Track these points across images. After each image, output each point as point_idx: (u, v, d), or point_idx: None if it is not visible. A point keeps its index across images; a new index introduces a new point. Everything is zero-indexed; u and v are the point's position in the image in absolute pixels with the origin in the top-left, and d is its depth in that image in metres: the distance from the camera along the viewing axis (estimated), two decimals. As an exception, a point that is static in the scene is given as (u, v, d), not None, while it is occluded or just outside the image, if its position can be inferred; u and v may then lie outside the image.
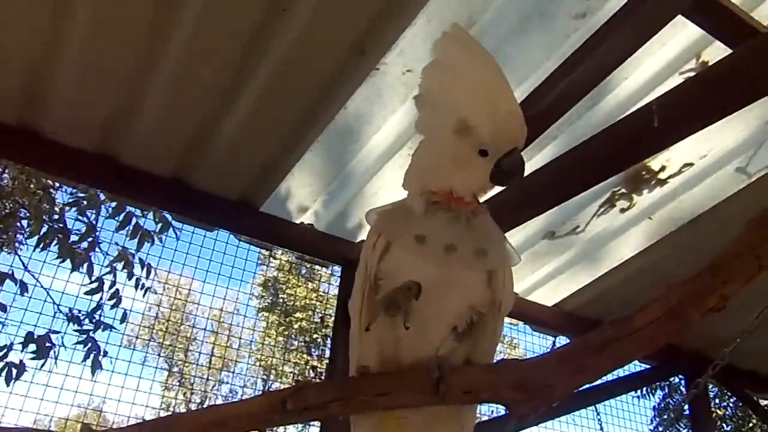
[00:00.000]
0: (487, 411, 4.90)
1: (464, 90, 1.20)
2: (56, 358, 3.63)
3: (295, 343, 8.46)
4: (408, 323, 1.21)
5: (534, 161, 2.91)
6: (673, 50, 2.54)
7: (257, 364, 8.16)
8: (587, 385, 1.36)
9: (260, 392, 7.79)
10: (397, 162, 2.90)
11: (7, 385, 3.41)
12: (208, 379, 8.10)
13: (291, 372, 7.95)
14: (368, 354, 1.31)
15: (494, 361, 1.37)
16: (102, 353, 3.84)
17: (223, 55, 2.39)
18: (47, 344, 3.54)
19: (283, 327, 8.42)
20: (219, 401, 8.18)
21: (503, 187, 1.27)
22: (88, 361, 3.81)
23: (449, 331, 1.26)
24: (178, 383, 8.64)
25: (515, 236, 3.39)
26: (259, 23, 2.28)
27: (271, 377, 8.43)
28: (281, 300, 8.79)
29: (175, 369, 8.43)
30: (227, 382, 8.15)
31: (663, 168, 3.07)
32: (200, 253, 4.42)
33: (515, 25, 2.46)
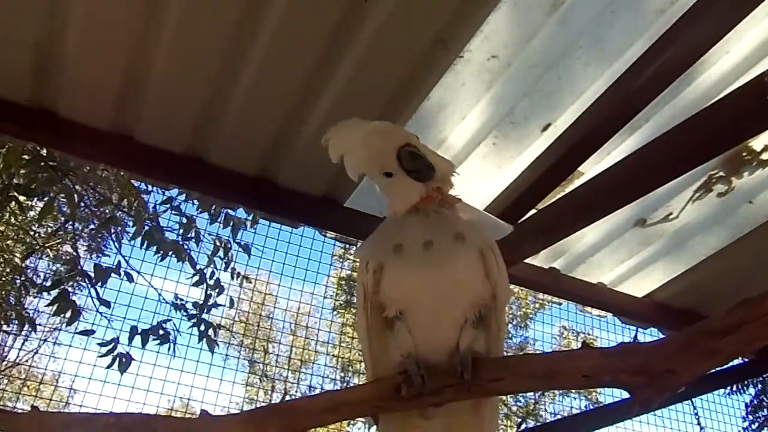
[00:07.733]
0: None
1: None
2: (175, 343, 3.89)
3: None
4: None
5: (626, 145, 2.80)
6: (781, 19, 2.37)
7: (335, 359, 8.28)
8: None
9: (339, 387, 7.92)
10: (481, 152, 2.84)
11: (122, 374, 3.70)
12: (288, 373, 8.29)
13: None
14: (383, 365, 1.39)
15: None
16: (216, 327, 4.05)
17: (306, 50, 2.41)
18: (161, 332, 3.78)
19: (359, 323, 8.54)
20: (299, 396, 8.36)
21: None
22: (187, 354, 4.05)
23: (461, 325, 1.34)
24: (258, 379, 8.90)
25: (603, 225, 3.27)
26: (342, 16, 2.29)
27: (349, 374, 8.54)
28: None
29: (256, 366, 8.68)
30: (306, 377, 8.32)
31: (766, 147, 2.87)
32: (276, 246, 4.56)
33: (605, 2, 2.37)
